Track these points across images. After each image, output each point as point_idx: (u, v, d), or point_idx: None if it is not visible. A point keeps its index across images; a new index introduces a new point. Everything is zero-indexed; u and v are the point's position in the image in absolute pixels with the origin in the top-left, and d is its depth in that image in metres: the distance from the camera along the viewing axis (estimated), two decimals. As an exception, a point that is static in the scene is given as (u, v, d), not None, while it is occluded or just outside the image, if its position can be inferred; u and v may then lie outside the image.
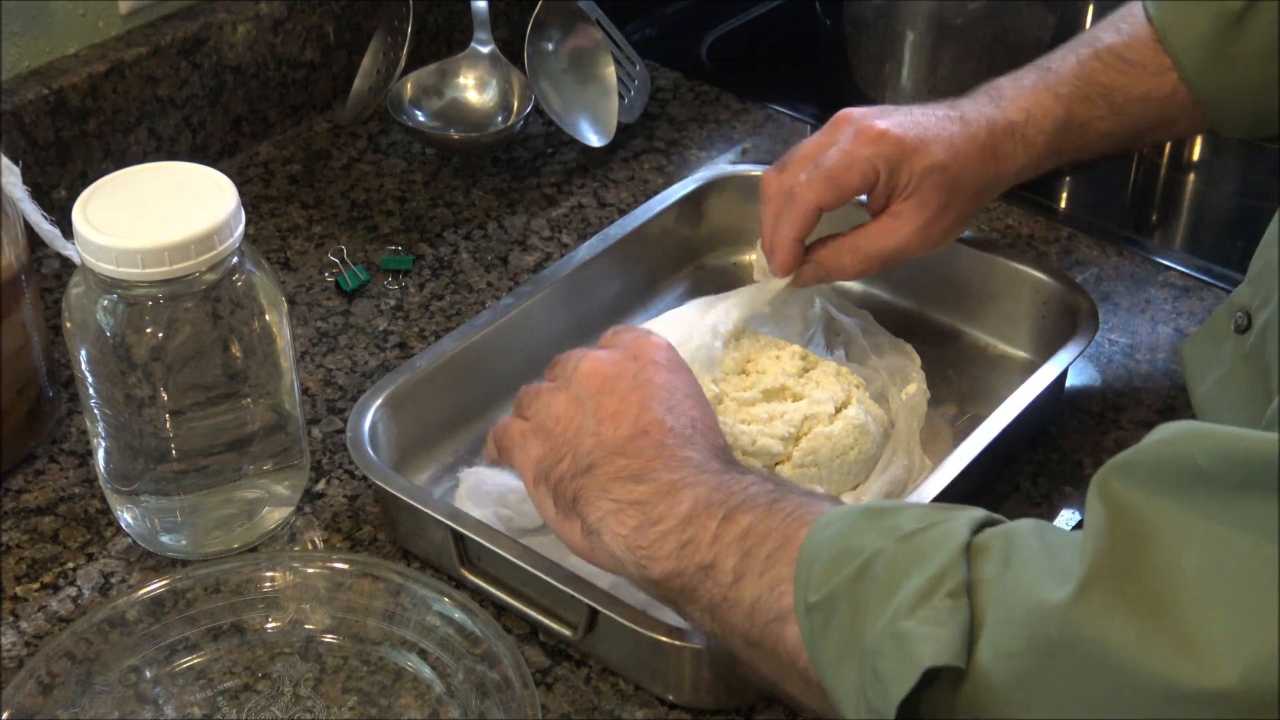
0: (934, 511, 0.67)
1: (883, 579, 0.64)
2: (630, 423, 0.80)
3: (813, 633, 0.67)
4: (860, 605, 0.64)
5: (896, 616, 0.62)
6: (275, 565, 0.88)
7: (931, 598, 0.62)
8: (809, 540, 0.69)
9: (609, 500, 0.78)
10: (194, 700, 0.84)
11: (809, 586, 0.67)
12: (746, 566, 0.71)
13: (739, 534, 0.72)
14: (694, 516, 0.74)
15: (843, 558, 0.66)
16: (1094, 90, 0.96)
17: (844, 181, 0.93)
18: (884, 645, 0.62)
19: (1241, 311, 0.83)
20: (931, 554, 0.64)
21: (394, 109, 1.22)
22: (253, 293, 0.87)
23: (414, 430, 0.96)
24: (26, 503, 0.95)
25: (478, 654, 0.83)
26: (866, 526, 0.67)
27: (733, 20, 1.46)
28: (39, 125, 1.10)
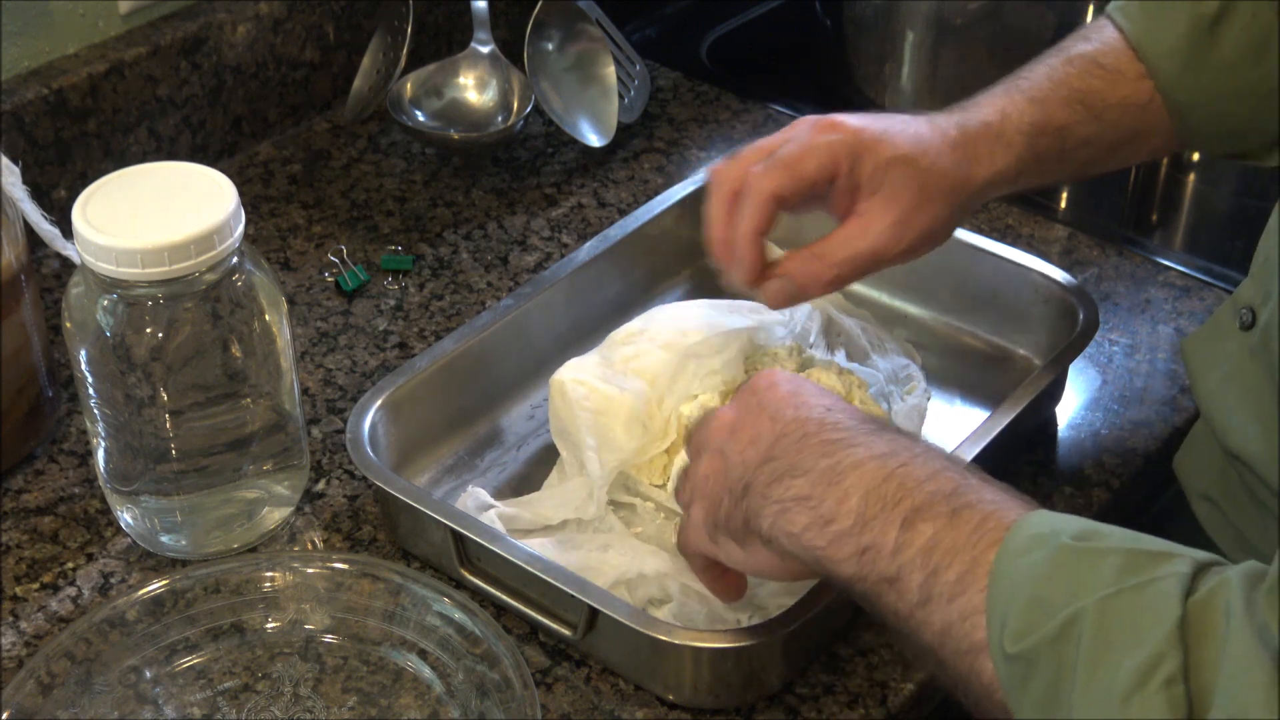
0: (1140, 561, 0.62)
1: (1089, 647, 0.61)
2: (768, 435, 0.76)
3: (1011, 681, 0.64)
4: (1064, 669, 0.61)
5: (1107, 702, 0.59)
6: (275, 565, 0.88)
7: (1146, 685, 0.59)
8: (1001, 571, 0.65)
9: (773, 505, 0.74)
10: (194, 700, 0.84)
11: (1005, 632, 0.63)
12: (934, 588, 0.67)
13: (923, 547, 0.68)
14: (869, 518, 0.70)
15: (1042, 609, 0.62)
16: (1070, 94, 0.93)
17: (801, 169, 0.87)
18: None
19: (1246, 308, 0.82)
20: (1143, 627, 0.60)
21: (394, 109, 1.22)
22: (253, 293, 0.87)
23: (414, 431, 0.96)
24: (26, 503, 0.95)
25: (478, 654, 0.83)
26: (1066, 572, 0.63)
27: (733, 20, 1.46)
28: (39, 125, 1.10)
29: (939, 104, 1.30)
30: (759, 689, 0.84)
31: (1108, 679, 0.60)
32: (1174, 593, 0.60)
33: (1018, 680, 0.63)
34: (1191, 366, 0.89)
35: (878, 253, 0.88)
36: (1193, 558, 0.62)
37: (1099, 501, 0.96)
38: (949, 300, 1.08)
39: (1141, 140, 0.95)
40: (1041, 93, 0.92)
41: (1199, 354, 0.88)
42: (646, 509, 0.94)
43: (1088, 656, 0.61)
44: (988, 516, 0.68)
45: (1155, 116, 0.93)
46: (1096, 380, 1.05)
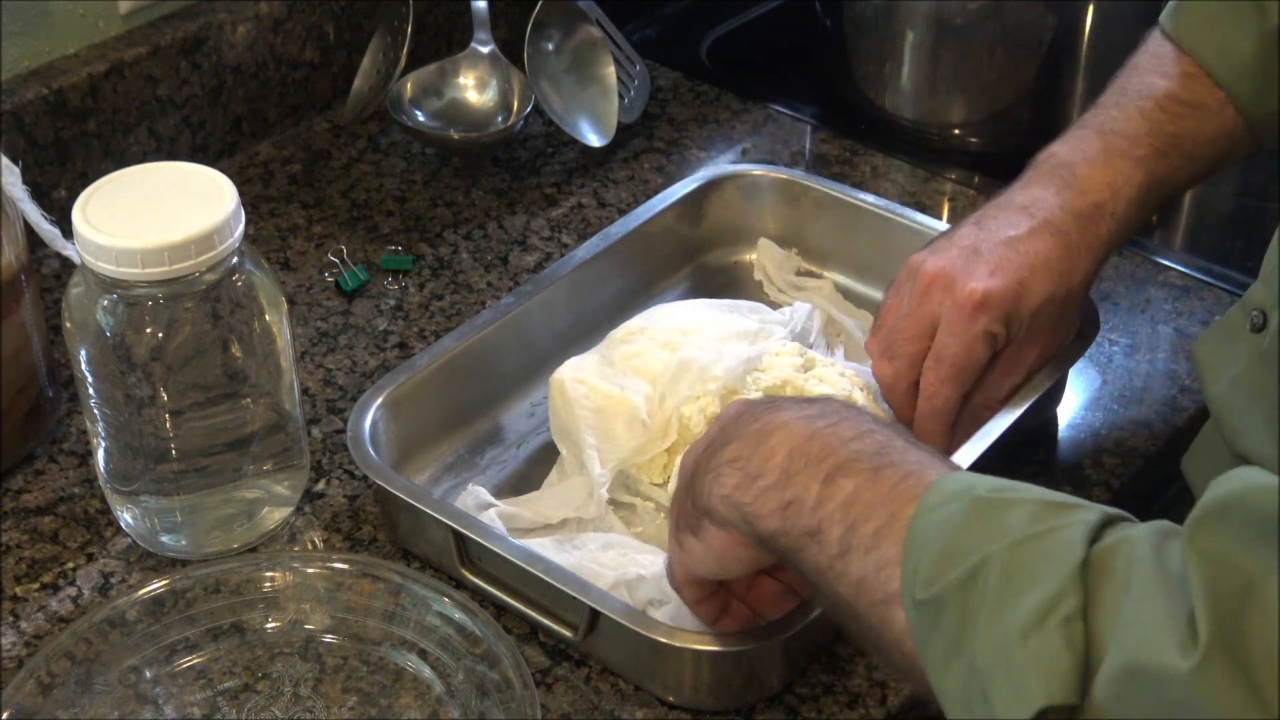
0: (1048, 511, 0.64)
1: (994, 589, 0.62)
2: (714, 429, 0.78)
3: (920, 628, 0.65)
4: (970, 613, 0.62)
5: (1009, 639, 0.60)
6: (275, 565, 0.88)
7: (1045, 622, 0.60)
8: (916, 523, 0.66)
9: (708, 474, 0.75)
10: (194, 700, 0.84)
11: (917, 580, 0.65)
12: (852, 540, 0.69)
13: (843, 501, 0.69)
14: (792, 472, 0.71)
15: (952, 556, 0.64)
16: (1167, 144, 0.92)
17: (972, 367, 0.90)
18: (995, 669, 0.61)
19: (1257, 310, 0.82)
20: (1046, 569, 0.61)
21: (394, 109, 1.22)
22: (253, 293, 0.87)
23: (414, 430, 0.96)
24: (26, 503, 0.95)
25: (478, 654, 0.83)
26: (977, 521, 0.64)
27: (733, 20, 1.46)
28: (39, 125, 1.10)
29: (939, 104, 1.31)
30: (759, 690, 0.84)
31: (1009, 618, 0.60)
32: (1078, 537, 0.61)
33: (926, 626, 0.64)
34: (1201, 369, 0.88)
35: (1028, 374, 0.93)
36: (1102, 510, 0.63)
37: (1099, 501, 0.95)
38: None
39: (1229, 159, 0.96)
40: (1143, 150, 0.92)
41: (1209, 356, 0.88)
42: (646, 508, 0.94)
43: (992, 599, 0.61)
44: (909, 474, 0.69)
45: (1239, 138, 0.94)
46: (1096, 380, 1.05)
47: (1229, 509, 0.57)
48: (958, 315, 0.89)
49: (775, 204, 1.13)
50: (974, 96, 1.30)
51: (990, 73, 1.28)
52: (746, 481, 0.73)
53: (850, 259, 1.10)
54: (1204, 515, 0.58)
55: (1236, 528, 0.57)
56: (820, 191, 1.12)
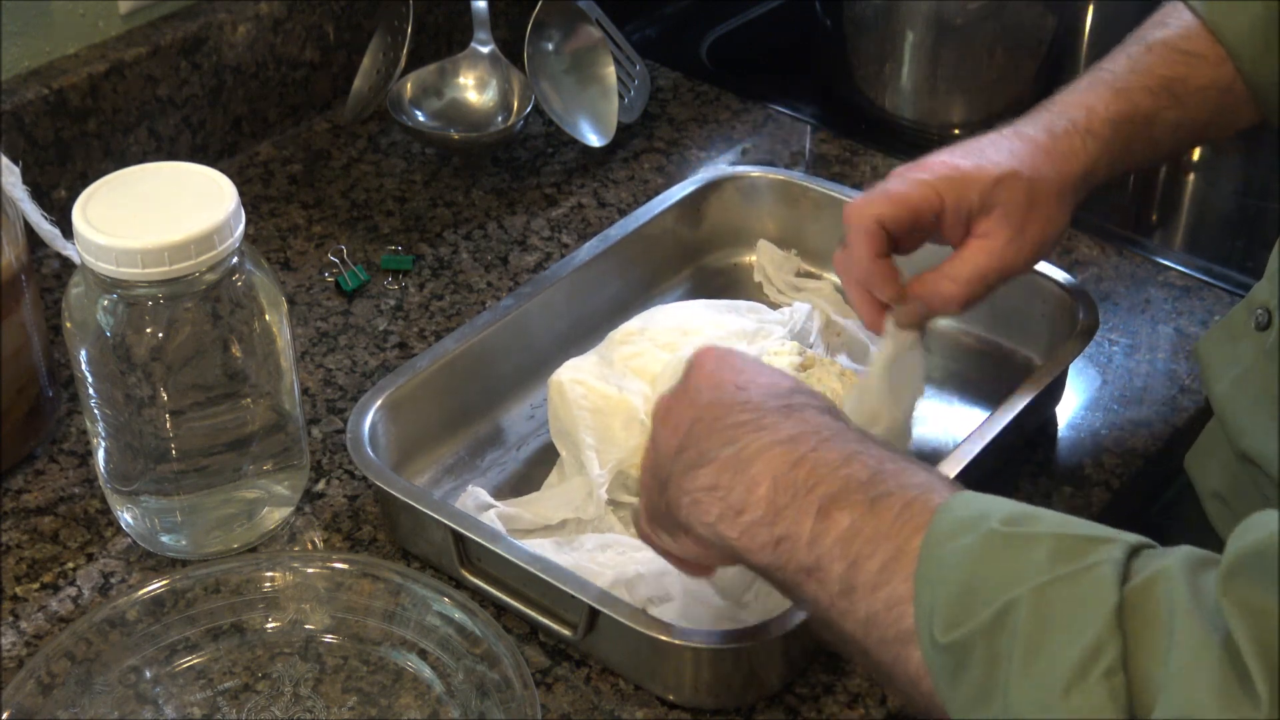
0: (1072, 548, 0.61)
1: (1024, 636, 0.59)
2: (685, 421, 0.75)
3: (942, 672, 0.62)
4: (998, 660, 0.60)
5: (1048, 693, 0.58)
6: (275, 565, 0.88)
7: (1087, 676, 0.57)
8: (928, 557, 0.63)
9: (686, 496, 0.72)
10: (194, 700, 0.84)
11: (935, 622, 0.62)
12: (856, 578, 0.66)
13: (841, 537, 0.66)
14: (780, 505, 0.68)
15: (973, 597, 0.61)
16: (1154, 82, 0.93)
17: (903, 196, 0.87)
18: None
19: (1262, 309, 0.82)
20: (1080, 615, 0.59)
21: (394, 109, 1.22)
22: (253, 293, 0.87)
23: (414, 431, 0.96)
24: (26, 503, 0.95)
25: (478, 654, 0.83)
26: (996, 558, 0.61)
27: (733, 20, 1.46)
28: (39, 125, 1.10)
29: (939, 104, 1.31)
30: (759, 689, 0.84)
31: (1046, 670, 0.58)
32: (1110, 578, 0.59)
33: (949, 671, 0.62)
34: (1205, 368, 0.88)
35: (1003, 267, 0.88)
36: (1125, 542, 0.61)
37: (1099, 501, 0.96)
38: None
39: (1227, 118, 0.96)
40: (1125, 82, 0.93)
41: (1213, 355, 0.88)
42: None
43: (1024, 647, 0.59)
44: (910, 502, 0.66)
45: (1238, 97, 0.95)
46: (1096, 380, 1.05)
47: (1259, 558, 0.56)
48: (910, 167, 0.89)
49: (774, 205, 1.13)
50: (974, 96, 1.30)
51: (990, 73, 1.28)
52: (730, 514, 0.70)
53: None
54: (1235, 566, 0.56)
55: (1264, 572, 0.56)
56: (819, 192, 1.12)
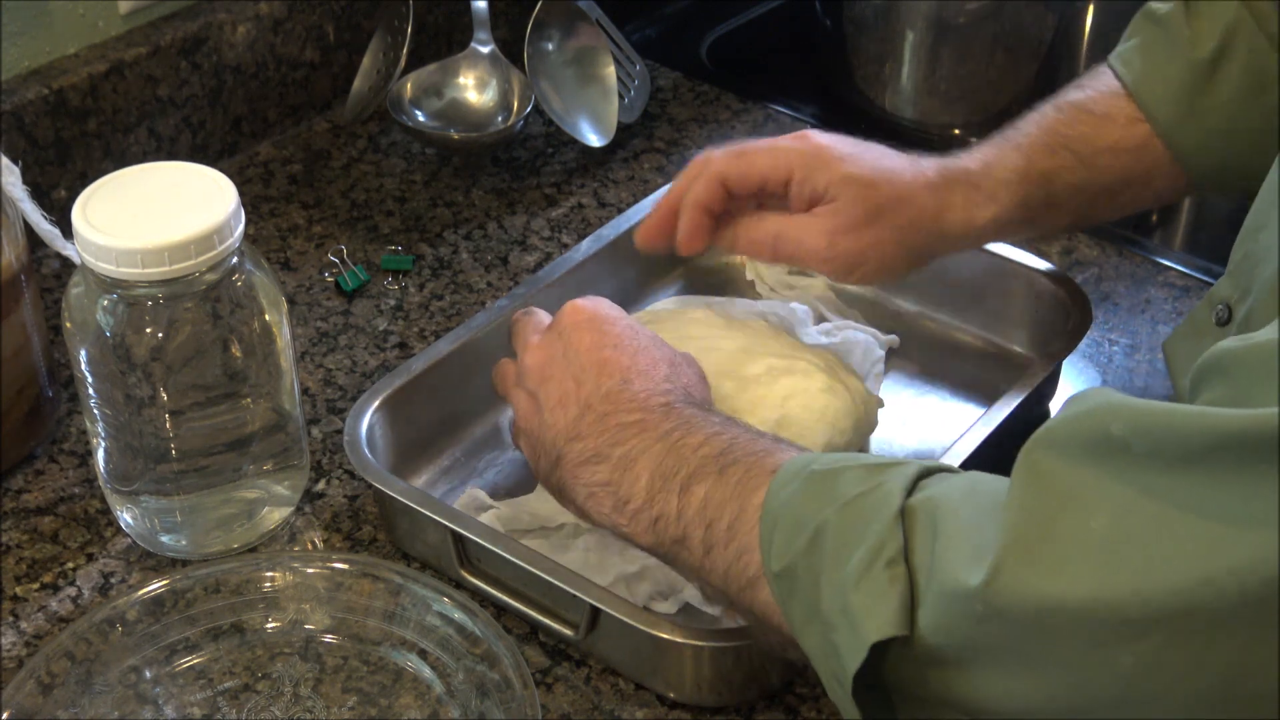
0: (872, 472, 0.69)
1: (831, 549, 0.67)
2: (573, 402, 0.83)
3: (781, 597, 0.70)
4: (815, 575, 0.68)
5: (844, 590, 0.66)
6: (275, 565, 0.88)
7: (871, 569, 0.65)
8: (766, 507, 0.72)
9: (582, 486, 0.81)
10: (194, 700, 0.84)
11: (771, 555, 0.70)
12: (712, 538, 0.75)
13: (699, 506, 0.76)
14: (655, 492, 0.78)
15: (796, 527, 0.69)
16: (1056, 141, 0.94)
17: (752, 160, 0.93)
18: (835, 619, 0.66)
19: (1222, 305, 0.83)
20: (869, 522, 0.67)
21: (394, 109, 1.22)
22: (253, 293, 0.87)
23: (412, 432, 0.96)
24: (26, 503, 0.95)
25: (478, 654, 0.83)
26: (813, 493, 0.70)
27: (733, 20, 1.46)
28: (39, 125, 1.10)
29: (939, 104, 1.31)
30: (760, 687, 0.84)
31: (843, 572, 0.66)
32: (896, 490, 0.67)
33: (785, 595, 0.70)
34: (1171, 365, 0.89)
35: (808, 250, 0.92)
36: (920, 465, 0.69)
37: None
38: (943, 296, 1.08)
39: (1140, 185, 0.96)
40: (1027, 140, 0.94)
41: (1178, 352, 0.88)
42: None
43: (830, 557, 0.67)
44: (751, 467, 0.75)
45: (1151, 161, 0.94)
46: (1096, 380, 1.05)
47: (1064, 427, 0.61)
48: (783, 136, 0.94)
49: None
50: (974, 96, 1.30)
51: (990, 73, 1.28)
52: (620, 505, 0.80)
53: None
54: (1041, 434, 0.62)
55: (1068, 447, 0.61)
56: None
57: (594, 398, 0.82)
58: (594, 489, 0.81)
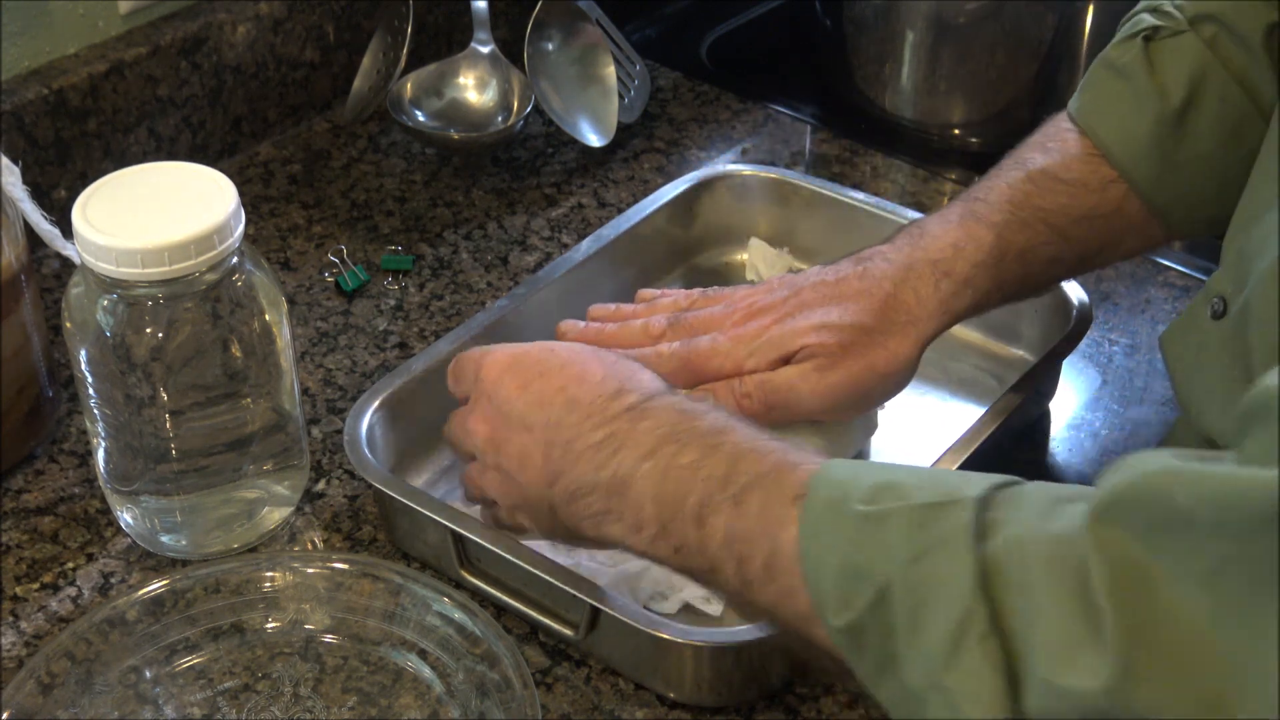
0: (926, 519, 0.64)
1: (904, 613, 0.63)
2: (533, 450, 0.79)
3: (846, 649, 0.66)
4: (888, 634, 0.64)
5: (933, 666, 0.62)
6: (275, 565, 0.88)
7: (961, 645, 0.61)
8: (806, 551, 0.67)
9: (585, 520, 0.77)
10: (194, 700, 0.84)
11: (828, 607, 0.66)
12: (748, 574, 0.70)
13: (722, 541, 0.71)
14: (666, 521, 0.73)
15: (853, 580, 0.65)
16: (1031, 215, 0.90)
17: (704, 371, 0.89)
18: (927, 694, 0.62)
19: (1218, 297, 0.82)
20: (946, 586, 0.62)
21: (394, 109, 1.22)
22: (253, 293, 0.87)
23: (412, 432, 0.96)
24: (26, 503, 0.95)
25: (478, 654, 0.83)
26: (864, 542, 0.65)
27: (733, 20, 1.46)
28: (39, 125, 1.10)
29: (939, 104, 1.31)
30: (760, 687, 0.84)
31: (927, 644, 0.62)
32: (965, 546, 0.62)
33: (852, 649, 0.66)
34: (1168, 358, 0.89)
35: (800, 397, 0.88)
36: (972, 499, 0.63)
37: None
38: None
39: (1113, 247, 0.93)
40: (1000, 216, 0.91)
41: (1174, 346, 0.88)
42: None
43: (905, 623, 0.63)
44: (769, 493, 0.69)
45: (1126, 221, 0.92)
46: (1096, 380, 1.05)
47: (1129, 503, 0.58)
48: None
49: (766, 203, 1.13)
50: (974, 96, 1.30)
51: (990, 73, 1.28)
52: (632, 532, 0.75)
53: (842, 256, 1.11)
54: (1105, 505, 0.58)
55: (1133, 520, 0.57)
56: (810, 190, 1.12)
57: (548, 433, 0.78)
58: (596, 518, 0.76)
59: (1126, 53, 0.91)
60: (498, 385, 0.81)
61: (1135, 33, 0.91)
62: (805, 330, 0.88)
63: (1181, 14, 0.90)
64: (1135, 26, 0.92)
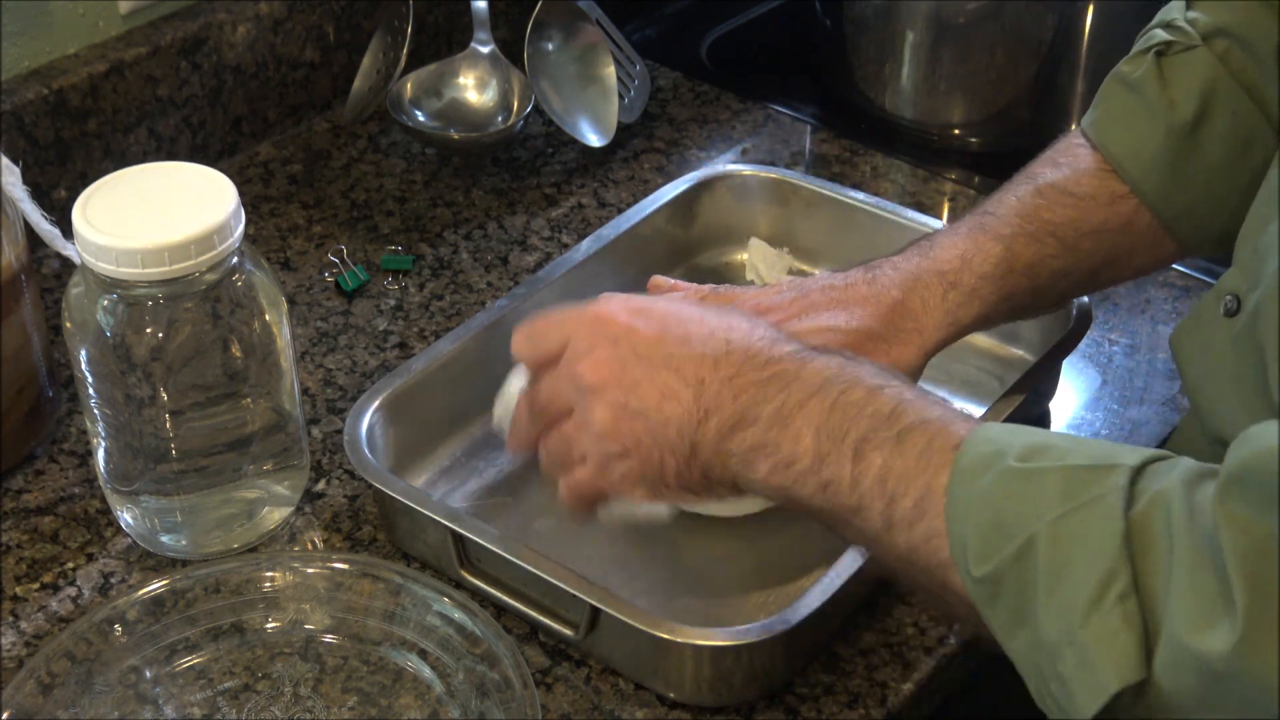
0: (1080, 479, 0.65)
1: (1046, 567, 0.65)
2: (680, 387, 0.77)
3: (981, 599, 0.68)
4: (1026, 589, 0.65)
5: (1070, 621, 0.64)
6: (275, 565, 0.88)
7: (1101, 602, 0.63)
8: (953, 495, 0.69)
9: (733, 458, 0.76)
10: (194, 700, 0.84)
11: (968, 556, 0.67)
12: (894, 514, 0.71)
13: (877, 476, 0.72)
14: (823, 454, 0.73)
15: (998, 532, 0.66)
16: (1040, 229, 0.91)
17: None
18: (1062, 648, 0.64)
19: (1231, 295, 0.82)
20: (1090, 545, 0.64)
21: (394, 109, 1.22)
22: (253, 293, 0.87)
23: (412, 432, 0.96)
24: (26, 503, 0.95)
25: (478, 654, 0.83)
26: (1015, 495, 0.66)
27: (733, 20, 1.46)
28: (39, 125, 1.10)
29: (939, 104, 1.31)
30: (759, 687, 0.84)
31: (1067, 599, 0.64)
32: (1115, 508, 0.64)
33: (987, 598, 0.67)
34: (1179, 357, 0.89)
35: None
36: (1128, 466, 0.65)
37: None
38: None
39: (1123, 263, 0.94)
40: (1009, 229, 0.91)
41: (1185, 344, 0.88)
42: None
43: (1046, 578, 0.64)
44: (931, 438, 0.71)
45: (1136, 236, 0.92)
46: (1096, 380, 1.05)
47: (1255, 474, 0.60)
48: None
49: (765, 203, 1.13)
50: (974, 96, 1.30)
51: (990, 73, 1.28)
52: (781, 467, 0.75)
53: (841, 256, 1.10)
54: (1231, 480, 0.61)
55: (1261, 491, 0.60)
56: (810, 190, 1.12)
57: (703, 369, 0.77)
58: (745, 455, 0.76)
59: (1138, 67, 0.92)
60: (630, 330, 0.79)
61: (1148, 48, 0.91)
62: (811, 332, 0.88)
63: (1194, 29, 0.90)
64: (1148, 42, 0.92)
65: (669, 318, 0.80)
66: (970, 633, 0.81)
